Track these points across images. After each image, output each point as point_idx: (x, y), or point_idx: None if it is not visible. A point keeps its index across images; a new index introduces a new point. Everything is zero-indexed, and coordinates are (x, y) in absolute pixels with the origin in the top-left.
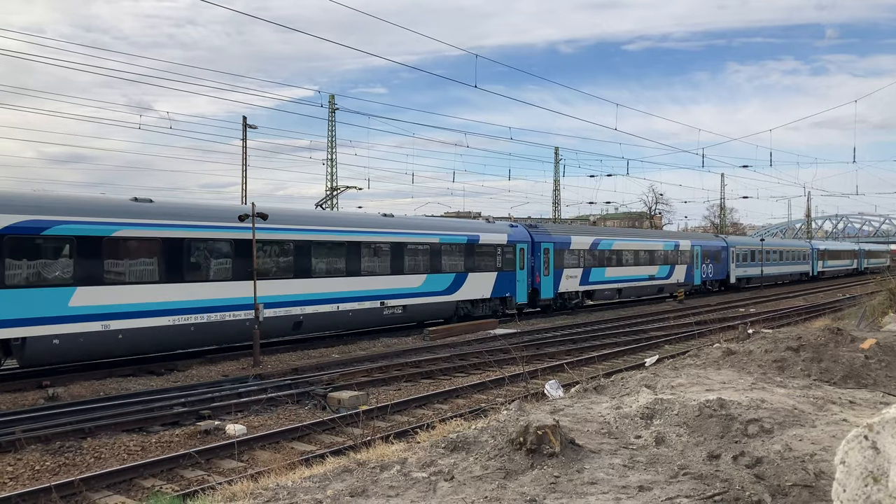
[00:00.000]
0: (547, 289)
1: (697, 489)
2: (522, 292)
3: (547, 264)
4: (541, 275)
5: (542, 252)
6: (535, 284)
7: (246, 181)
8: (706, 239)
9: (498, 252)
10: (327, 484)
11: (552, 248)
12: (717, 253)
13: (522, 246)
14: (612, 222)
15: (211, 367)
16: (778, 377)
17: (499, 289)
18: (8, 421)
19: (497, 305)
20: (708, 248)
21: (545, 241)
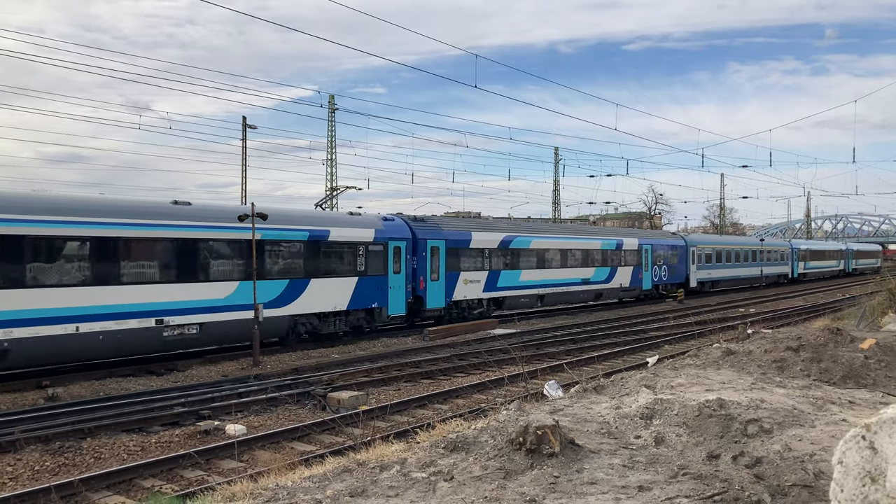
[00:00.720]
0: (435, 296)
1: (697, 489)
2: (398, 301)
3: (435, 266)
4: (426, 279)
5: (428, 251)
6: (420, 291)
7: (246, 181)
8: (660, 237)
9: (360, 252)
10: (327, 484)
11: (443, 246)
12: (674, 253)
13: (398, 244)
14: (612, 222)
15: (211, 367)
16: (777, 377)
17: (361, 298)
18: (8, 421)
19: (360, 319)
20: (661, 247)
21: (433, 237)
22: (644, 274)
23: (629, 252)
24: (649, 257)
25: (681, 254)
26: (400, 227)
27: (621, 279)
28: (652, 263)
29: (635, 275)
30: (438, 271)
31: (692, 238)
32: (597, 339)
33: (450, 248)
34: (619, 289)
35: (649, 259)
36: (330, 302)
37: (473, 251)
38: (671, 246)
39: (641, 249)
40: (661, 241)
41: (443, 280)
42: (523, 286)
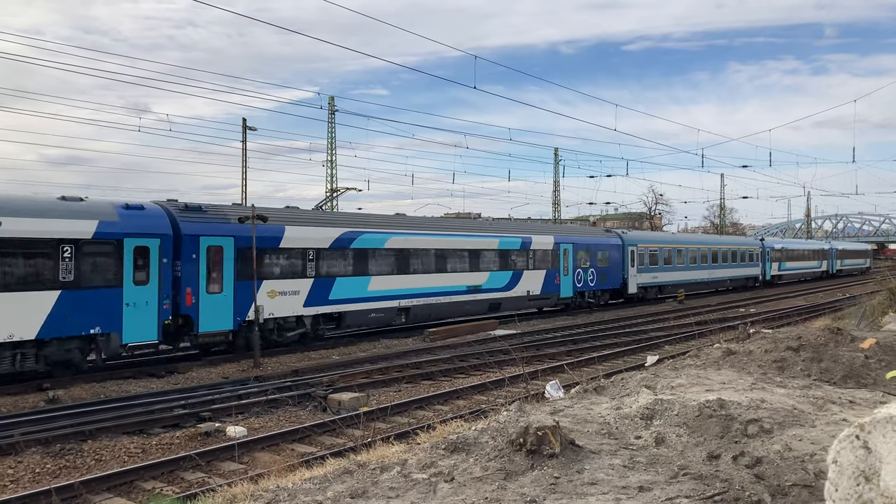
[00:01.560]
0: (215, 315)
1: (697, 489)
2: (143, 324)
3: (216, 274)
4: (199, 293)
5: (201, 253)
6: (187, 308)
7: (246, 183)
8: (585, 234)
9: (67, 255)
10: (327, 485)
11: (230, 245)
12: (605, 254)
13: (144, 242)
14: (613, 222)
15: (211, 369)
16: (778, 377)
17: (66, 323)
18: (8, 424)
19: (69, 351)
20: (587, 246)
21: (211, 233)
22: (562, 279)
23: (540, 252)
24: (570, 259)
25: (615, 255)
26: (151, 218)
27: (528, 285)
28: (574, 266)
29: (549, 280)
30: (221, 280)
31: (631, 236)
32: (597, 339)
33: (242, 247)
34: (525, 297)
35: (570, 261)
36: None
37: (288, 252)
38: (601, 245)
39: (559, 250)
40: (586, 239)
41: (229, 292)
42: (374, 297)
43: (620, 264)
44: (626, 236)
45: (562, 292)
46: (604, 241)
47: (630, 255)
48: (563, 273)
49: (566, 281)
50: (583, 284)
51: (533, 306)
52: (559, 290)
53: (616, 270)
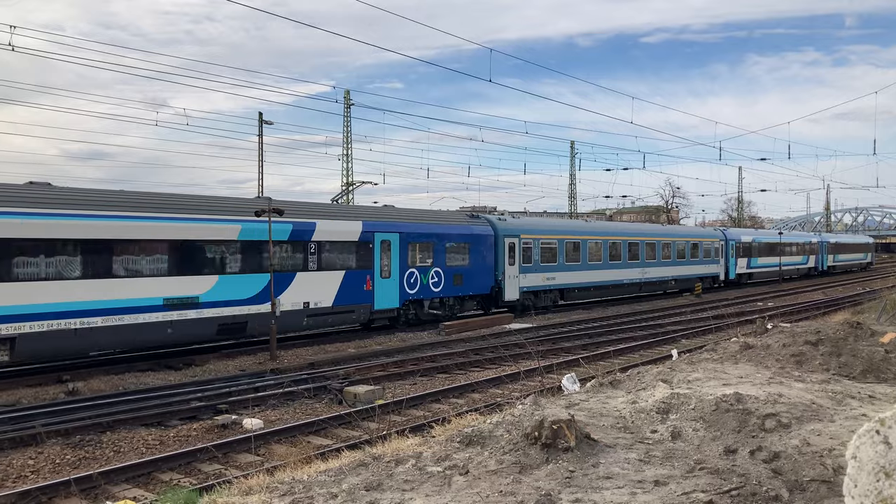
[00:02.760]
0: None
1: (714, 484)
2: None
3: None
4: None
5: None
6: None
7: (262, 177)
8: (430, 220)
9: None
10: (343, 478)
11: None
12: (463, 247)
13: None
14: (629, 216)
15: (228, 361)
16: (796, 371)
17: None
18: (29, 415)
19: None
20: (429, 237)
21: None
22: (378, 283)
23: (333, 245)
24: (394, 255)
25: (482, 249)
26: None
27: (307, 294)
28: (403, 265)
29: (351, 286)
30: None
31: (510, 224)
32: (613, 333)
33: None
34: (298, 313)
35: (394, 258)
36: None
37: None
38: (455, 236)
39: (372, 241)
40: (425, 227)
41: None
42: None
43: (492, 262)
44: (502, 224)
45: (377, 302)
46: (459, 231)
47: (507, 250)
48: (382, 275)
49: (386, 286)
50: (419, 290)
51: (315, 325)
52: (371, 299)
53: (482, 270)
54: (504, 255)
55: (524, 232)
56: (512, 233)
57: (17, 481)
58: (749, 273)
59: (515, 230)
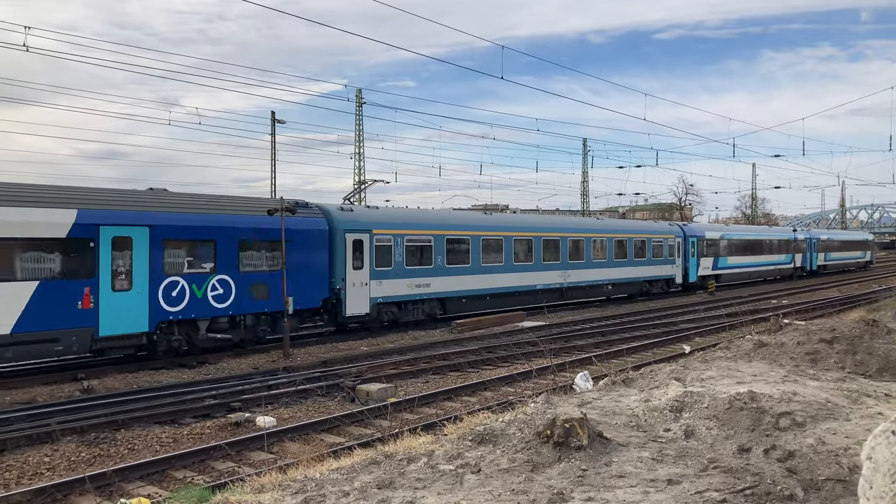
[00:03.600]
0: None
1: (727, 483)
2: None
3: None
4: None
5: None
6: None
7: (275, 176)
8: (209, 208)
9: None
10: (355, 476)
11: None
12: (267, 245)
13: None
14: (642, 214)
15: (241, 359)
16: (811, 370)
17: None
18: (45, 413)
19: None
20: (207, 232)
21: None
22: (104, 299)
23: (10, 245)
24: (143, 259)
25: (308, 250)
26: None
27: None
28: (156, 272)
29: (54, 305)
30: None
31: (353, 217)
32: (626, 331)
33: None
34: None
35: (142, 263)
36: None
37: None
38: (257, 232)
39: (96, 237)
40: (205, 218)
41: None
42: None
43: (325, 266)
44: (343, 216)
45: (104, 325)
46: (262, 224)
47: (349, 250)
48: (115, 286)
49: (123, 302)
50: (188, 307)
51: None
52: (94, 320)
53: (308, 277)
54: (345, 257)
55: (379, 226)
56: (358, 227)
57: (32, 478)
58: (716, 275)
59: (364, 224)
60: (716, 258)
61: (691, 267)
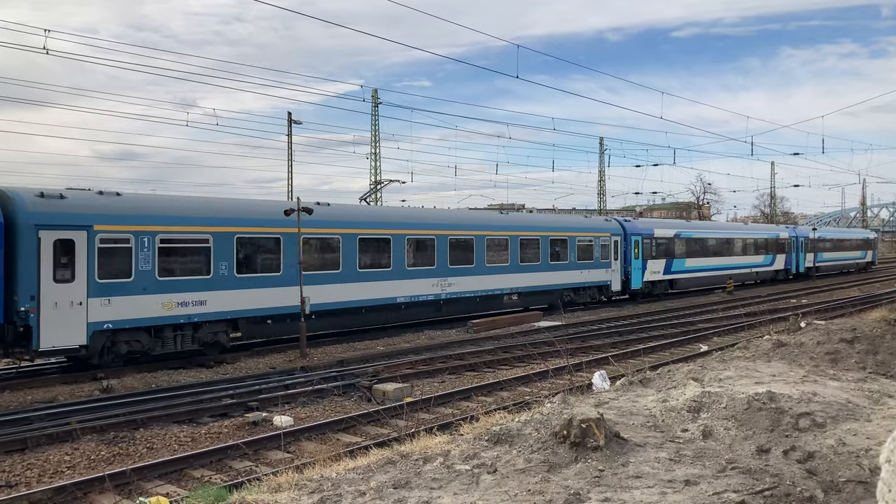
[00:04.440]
0: None
1: (746, 484)
2: None
3: None
4: None
5: None
6: None
7: (291, 176)
8: None
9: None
10: (371, 475)
11: None
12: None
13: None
14: (660, 213)
15: (259, 359)
16: (831, 370)
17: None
18: (66, 412)
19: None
20: None
21: None
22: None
23: None
24: None
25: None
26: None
27: None
28: None
29: None
30: None
31: (62, 206)
32: (643, 331)
33: None
34: None
35: None
36: None
37: None
38: None
39: None
40: None
41: None
42: None
43: None
44: (31, 204)
45: None
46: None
47: (44, 252)
48: None
49: None
50: None
51: None
52: None
53: None
54: (37, 264)
55: (107, 220)
56: (64, 221)
57: (53, 476)
58: (670, 280)
59: (76, 216)
60: (669, 260)
61: (634, 271)
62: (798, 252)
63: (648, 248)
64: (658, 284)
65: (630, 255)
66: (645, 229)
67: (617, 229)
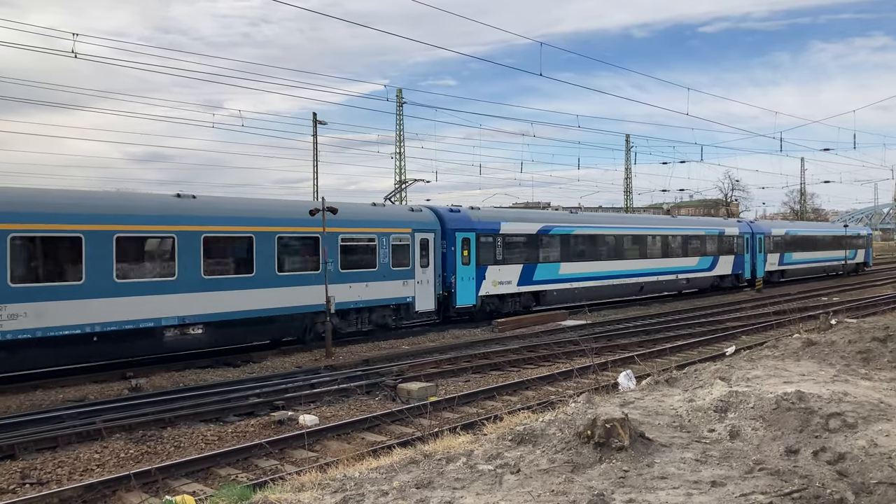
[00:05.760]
0: None
1: (774, 485)
2: None
3: None
4: None
5: None
6: None
7: (317, 176)
8: None
9: None
10: (394, 475)
11: None
12: None
13: None
14: (687, 210)
15: (285, 358)
16: (862, 369)
17: None
18: (95, 410)
19: None
20: None
21: None
22: None
23: None
24: None
25: None
26: None
27: None
28: None
29: None
30: None
31: None
32: (671, 329)
33: None
34: None
35: None
36: None
37: None
38: None
39: None
40: None
41: None
42: None
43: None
44: None
45: None
46: None
47: None
48: None
49: None
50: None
51: None
52: None
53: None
54: None
55: None
56: None
57: (83, 474)
58: (536, 293)
59: None
60: (530, 265)
61: (464, 284)
62: (754, 252)
63: (485, 250)
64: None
65: (455, 262)
66: (488, 225)
67: (428, 223)
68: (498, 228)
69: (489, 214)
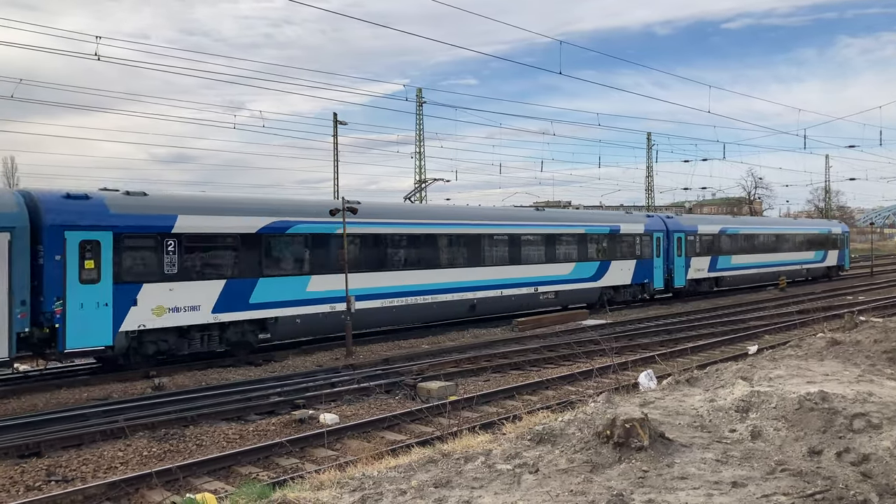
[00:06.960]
0: None
1: (796, 486)
2: None
3: None
4: None
5: None
6: None
7: (338, 176)
8: None
9: None
10: (412, 474)
11: None
12: None
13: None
14: (710, 209)
15: (306, 357)
16: (888, 369)
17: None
18: (118, 409)
19: None
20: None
21: None
22: None
23: None
24: None
25: None
26: None
27: None
28: None
29: None
30: None
31: None
32: (693, 329)
33: None
34: None
35: None
36: None
37: None
38: None
39: None
40: None
41: None
42: None
43: None
44: None
45: None
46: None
47: None
48: None
49: None
50: None
51: None
52: None
53: None
54: None
55: None
56: None
57: (107, 472)
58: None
59: None
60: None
61: None
62: (670, 256)
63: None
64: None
65: None
66: None
67: None
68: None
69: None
